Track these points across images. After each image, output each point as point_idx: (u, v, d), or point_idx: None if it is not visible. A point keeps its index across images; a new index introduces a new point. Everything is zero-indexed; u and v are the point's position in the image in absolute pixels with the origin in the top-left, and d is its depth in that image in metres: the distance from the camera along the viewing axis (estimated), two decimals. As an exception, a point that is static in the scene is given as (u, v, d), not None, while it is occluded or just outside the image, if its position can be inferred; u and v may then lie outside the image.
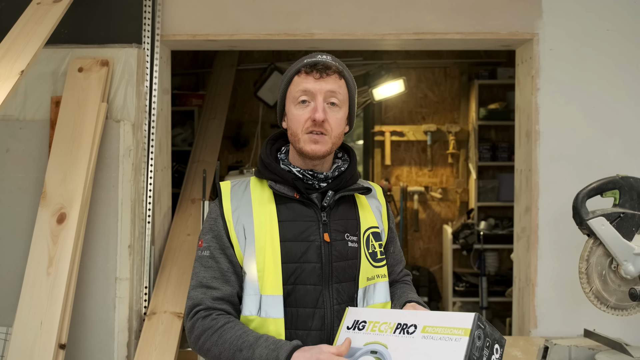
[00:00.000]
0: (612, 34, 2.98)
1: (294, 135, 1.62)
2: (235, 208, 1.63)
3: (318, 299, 1.58)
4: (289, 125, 1.64)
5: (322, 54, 1.65)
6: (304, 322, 1.57)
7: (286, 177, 1.62)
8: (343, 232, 1.64)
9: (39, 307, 2.47)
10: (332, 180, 1.67)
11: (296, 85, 1.62)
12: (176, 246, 3.21)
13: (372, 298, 1.65)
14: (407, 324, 1.43)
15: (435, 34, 3.02)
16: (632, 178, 2.33)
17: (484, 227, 5.24)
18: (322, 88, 1.59)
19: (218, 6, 3.00)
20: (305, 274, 1.58)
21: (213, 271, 1.59)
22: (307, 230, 1.60)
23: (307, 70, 1.60)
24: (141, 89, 2.94)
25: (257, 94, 5.14)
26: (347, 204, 1.68)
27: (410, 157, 5.78)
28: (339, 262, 1.61)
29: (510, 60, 5.32)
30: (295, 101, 1.61)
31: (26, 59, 2.31)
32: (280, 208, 1.62)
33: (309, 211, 1.62)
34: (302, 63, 1.63)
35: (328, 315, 1.58)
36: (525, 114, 3.12)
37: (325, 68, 1.60)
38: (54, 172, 2.67)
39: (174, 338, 2.81)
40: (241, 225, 1.61)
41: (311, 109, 1.59)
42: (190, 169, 3.98)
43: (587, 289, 2.28)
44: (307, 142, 1.60)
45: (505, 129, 5.42)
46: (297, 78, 1.62)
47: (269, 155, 1.69)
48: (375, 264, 1.67)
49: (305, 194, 1.62)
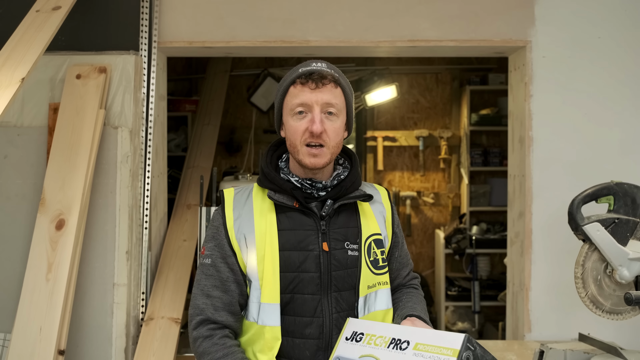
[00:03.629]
0: (604, 42, 3.02)
1: (292, 147, 1.62)
2: (237, 217, 1.64)
3: (316, 308, 1.60)
4: (287, 136, 1.64)
5: (316, 61, 1.64)
6: (301, 331, 1.59)
7: (285, 187, 1.63)
8: (343, 240, 1.64)
9: (38, 313, 2.47)
10: (331, 189, 1.67)
11: (292, 97, 1.60)
12: (172, 252, 3.22)
13: (374, 305, 1.66)
14: (401, 340, 1.46)
15: (429, 41, 3.05)
16: (626, 184, 2.37)
17: (476, 232, 5.28)
18: (319, 99, 1.58)
19: (214, 13, 3.02)
20: (303, 284, 1.59)
21: (214, 279, 1.62)
22: (306, 240, 1.61)
23: (302, 81, 1.59)
24: (138, 95, 2.96)
25: (251, 99, 5.17)
26: (348, 212, 1.68)
27: (402, 162, 5.82)
28: (338, 271, 1.62)
29: (501, 66, 5.37)
30: (291, 112, 1.60)
31: (26, 66, 2.32)
32: (280, 217, 1.63)
33: (308, 220, 1.62)
34: (297, 73, 1.61)
35: (327, 324, 1.60)
36: (519, 120, 3.16)
37: (321, 78, 1.58)
38: (52, 178, 2.67)
39: (171, 343, 2.82)
40: (242, 234, 1.62)
41: (308, 120, 1.58)
42: (185, 174, 3.99)
43: (582, 293, 2.32)
44: (306, 155, 1.60)
45: (497, 134, 5.47)
46: (292, 89, 1.61)
47: (268, 164, 1.69)
48: (377, 272, 1.67)
49: (304, 203, 1.62)
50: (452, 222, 5.64)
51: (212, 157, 4.22)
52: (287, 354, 1.60)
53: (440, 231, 5.60)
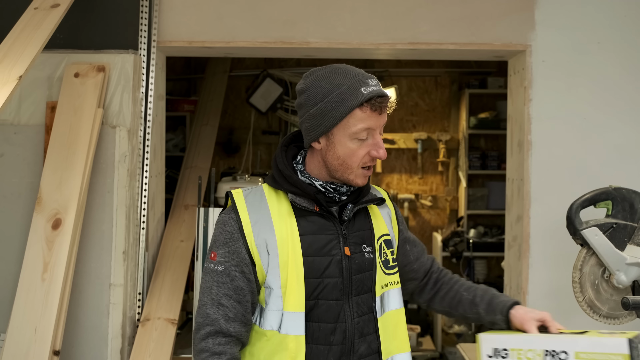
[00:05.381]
0: (604, 47, 3.02)
1: (345, 166, 1.57)
2: (255, 222, 1.57)
3: (339, 313, 1.57)
4: (338, 155, 1.56)
5: (371, 78, 1.54)
6: (325, 338, 1.56)
7: (308, 191, 1.57)
8: (360, 244, 1.62)
9: (33, 313, 2.46)
10: (350, 193, 1.64)
11: (359, 120, 1.52)
12: (170, 252, 3.21)
13: (388, 306, 1.65)
14: (556, 351, 1.40)
15: (430, 44, 3.05)
16: (625, 189, 2.37)
17: (473, 235, 5.28)
18: (381, 123, 1.56)
19: (214, 13, 3.01)
20: (327, 289, 1.56)
21: (227, 288, 1.55)
22: (329, 245, 1.58)
23: (373, 107, 1.52)
24: (137, 95, 2.95)
25: (250, 100, 5.17)
26: (361, 215, 1.67)
27: (400, 165, 5.81)
28: (357, 275, 1.60)
29: (500, 69, 5.38)
30: (354, 136, 1.53)
31: (24, 64, 2.31)
32: (300, 221, 1.58)
33: (329, 224, 1.60)
34: (366, 95, 1.50)
35: (349, 329, 1.57)
36: (518, 124, 3.16)
37: (386, 102, 1.55)
38: (49, 177, 2.66)
39: (168, 345, 2.80)
40: (263, 240, 1.56)
41: (370, 144, 1.55)
42: (183, 175, 3.99)
43: (580, 298, 2.32)
44: (360, 177, 1.59)
45: (495, 137, 5.47)
46: (360, 112, 1.51)
47: (287, 167, 1.61)
48: (388, 272, 1.66)
49: (326, 207, 1.59)
50: (450, 225, 5.64)
51: (210, 158, 4.22)
52: None
53: (438, 234, 5.60)
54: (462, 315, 1.80)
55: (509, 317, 1.68)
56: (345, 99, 1.51)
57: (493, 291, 1.77)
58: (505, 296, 1.76)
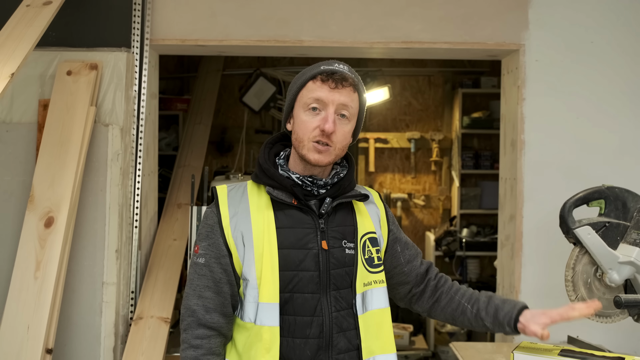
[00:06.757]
0: (597, 46, 3.03)
1: (299, 141, 1.61)
2: (233, 215, 1.62)
3: (316, 307, 1.58)
4: (295, 129, 1.63)
5: (339, 63, 1.63)
6: (301, 330, 1.57)
7: (285, 184, 1.61)
8: (341, 239, 1.63)
9: (26, 311, 2.45)
10: (330, 186, 1.66)
11: (309, 91, 1.59)
12: (162, 251, 3.20)
13: (371, 304, 1.65)
14: None
15: (423, 43, 3.05)
16: (617, 188, 2.38)
17: (466, 235, 5.29)
18: (335, 99, 1.58)
19: (208, 12, 3.00)
20: (303, 282, 1.58)
21: (206, 280, 1.60)
22: (305, 238, 1.60)
23: (323, 78, 1.58)
24: (130, 93, 2.93)
25: (243, 99, 5.15)
26: (344, 210, 1.68)
27: (393, 164, 5.82)
28: (336, 270, 1.61)
29: (493, 69, 5.39)
30: (305, 107, 1.59)
31: (16, 61, 2.29)
32: (278, 214, 1.61)
33: (306, 218, 1.62)
34: (319, 69, 1.60)
35: (327, 323, 1.58)
36: (511, 123, 3.17)
37: (342, 79, 1.58)
38: (41, 175, 2.65)
39: (160, 343, 2.80)
40: (239, 232, 1.60)
41: (321, 118, 1.58)
42: (176, 173, 3.97)
43: (572, 296, 2.32)
44: (312, 151, 1.59)
45: (488, 137, 5.49)
46: (311, 83, 1.60)
47: (267, 161, 1.67)
48: (372, 270, 1.67)
49: (303, 201, 1.61)
50: (443, 225, 5.65)
51: (203, 157, 4.20)
52: (287, 356, 1.56)
53: (431, 233, 5.61)
54: (468, 326, 1.80)
55: (517, 329, 1.70)
56: (303, 74, 1.63)
57: (496, 300, 1.75)
58: (509, 303, 1.74)
